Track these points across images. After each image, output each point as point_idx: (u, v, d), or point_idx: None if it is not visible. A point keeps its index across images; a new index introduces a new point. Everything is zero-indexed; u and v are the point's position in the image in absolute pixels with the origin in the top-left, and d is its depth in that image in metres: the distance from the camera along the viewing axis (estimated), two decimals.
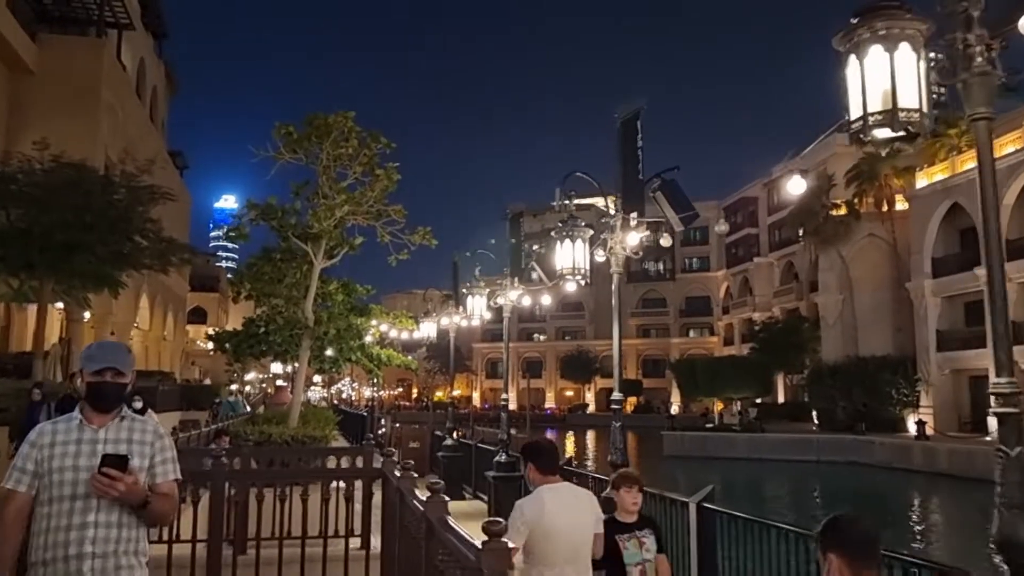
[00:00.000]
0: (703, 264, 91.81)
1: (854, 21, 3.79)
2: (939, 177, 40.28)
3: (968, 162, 38.30)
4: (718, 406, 67.35)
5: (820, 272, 50.10)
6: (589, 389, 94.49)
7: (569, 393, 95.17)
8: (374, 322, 19.93)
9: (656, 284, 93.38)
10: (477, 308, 12.34)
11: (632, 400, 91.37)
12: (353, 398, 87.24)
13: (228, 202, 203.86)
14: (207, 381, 45.83)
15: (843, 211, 44.87)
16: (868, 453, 36.93)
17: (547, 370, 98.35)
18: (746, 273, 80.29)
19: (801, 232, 51.97)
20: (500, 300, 12.38)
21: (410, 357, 21.15)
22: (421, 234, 14.35)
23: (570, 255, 8.08)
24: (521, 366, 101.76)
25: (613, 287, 8.71)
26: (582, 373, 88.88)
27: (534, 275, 12.44)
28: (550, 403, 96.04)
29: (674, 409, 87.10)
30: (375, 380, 19.66)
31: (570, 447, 52.90)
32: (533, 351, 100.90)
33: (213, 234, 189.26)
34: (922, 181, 41.62)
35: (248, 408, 23.49)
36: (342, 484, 8.15)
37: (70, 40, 29.57)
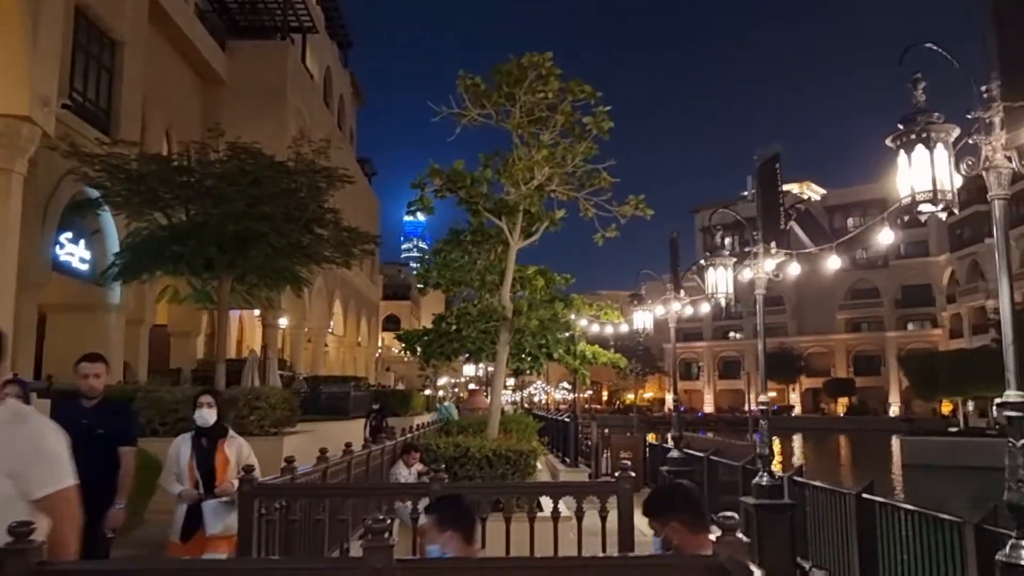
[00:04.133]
0: (920, 249, 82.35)
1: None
2: None
3: None
4: (946, 407, 59.63)
5: None
6: (794, 389, 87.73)
7: (772, 394, 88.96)
8: (572, 316, 17.46)
9: (867, 272, 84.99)
10: (721, 284, 9.49)
11: (843, 401, 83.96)
12: (544, 402, 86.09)
13: (417, 216, 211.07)
14: (401, 386, 45.51)
15: None
16: None
17: (745, 369, 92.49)
18: (976, 256, 71.07)
19: None
20: (749, 272, 9.41)
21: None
22: (633, 203, 11.62)
23: (927, 170, 5.09)
24: (718, 366, 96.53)
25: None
26: (785, 372, 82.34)
27: (800, 235, 9.50)
28: (749, 405, 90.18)
29: (892, 410, 78.94)
30: (583, 381, 17.03)
31: (798, 454, 47.94)
32: (730, 350, 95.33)
33: (404, 246, 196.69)
34: None
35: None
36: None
37: (257, 45, 29.60)
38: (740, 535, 2.60)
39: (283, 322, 28.98)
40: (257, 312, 28.16)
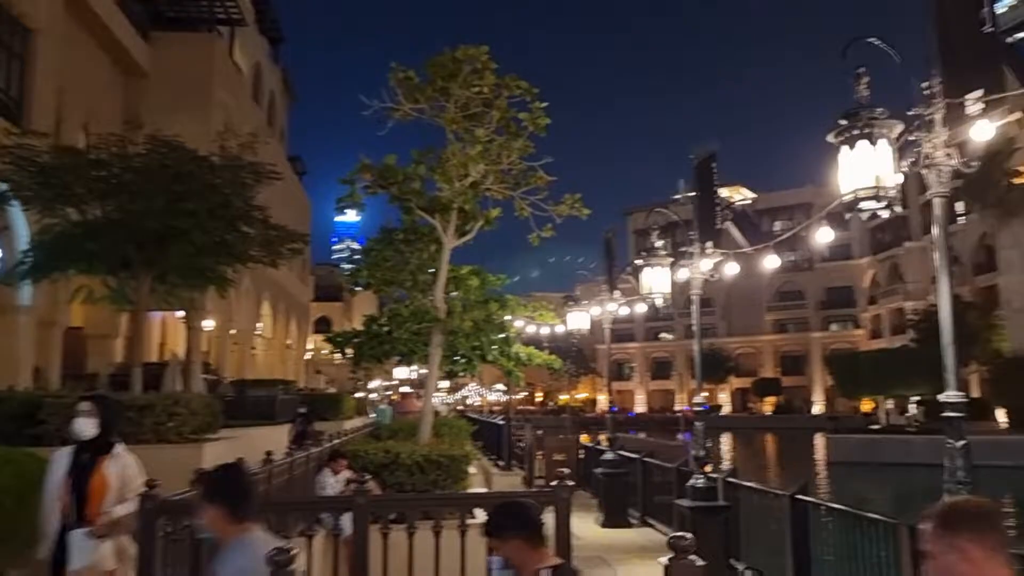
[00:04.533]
0: (843, 252, 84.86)
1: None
2: None
3: None
4: (867, 405, 61.46)
5: (1001, 250, 44.20)
6: (723, 389, 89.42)
7: (703, 394, 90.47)
8: (507, 317, 17.23)
9: (793, 275, 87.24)
10: (658, 283, 9.36)
11: (770, 400, 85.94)
12: (477, 404, 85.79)
13: (349, 216, 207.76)
14: (332, 389, 44.64)
15: None
16: None
17: (676, 370, 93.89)
18: (895, 259, 73.68)
19: (965, 207, 46.17)
20: (685, 272, 9.33)
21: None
22: (569, 202, 11.47)
23: (870, 166, 4.99)
24: (650, 366, 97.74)
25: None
26: (715, 372, 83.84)
27: (735, 235, 9.40)
28: (680, 405, 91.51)
29: (816, 408, 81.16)
30: (518, 383, 16.81)
31: (727, 454, 48.64)
32: (662, 351, 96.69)
33: (337, 247, 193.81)
34: None
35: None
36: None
37: (182, 37, 28.58)
38: (694, 557, 2.40)
39: (208, 324, 28.01)
40: (180, 314, 27.14)
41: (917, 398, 41.41)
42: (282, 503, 6.39)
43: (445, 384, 53.34)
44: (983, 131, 4.83)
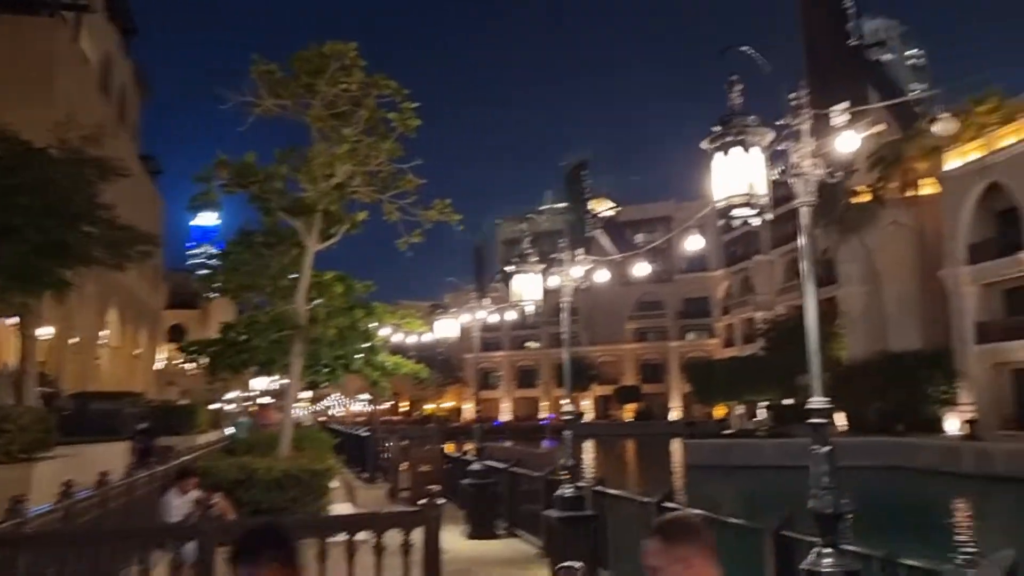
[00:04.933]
0: (700, 264, 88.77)
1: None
2: (973, 156, 37.46)
3: (1008, 136, 35.49)
4: (720, 411, 64.39)
5: (841, 264, 47.25)
6: (586, 397, 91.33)
7: (566, 401, 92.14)
8: (373, 325, 16.74)
9: (653, 286, 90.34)
10: (529, 290, 9.22)
11: (631, 407, 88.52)
12: (341, 415, 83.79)
13: (206, 219, 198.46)
14: (185, 401, 42.31)
15: (866, 197, 42.20)
16: (911, 456, 33.97)
17: (541, 378, 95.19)
18: (747, 272, 77.54)
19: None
20: (556, 280, 9.25)
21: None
22: (439, 208, 11.22)
23: (743, 173, 4.98)
24: (516, 375, 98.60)
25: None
26: (578, 380, 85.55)
27: (605, 243, 9.39)
28: (546, 413, 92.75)
29: (673, 415, 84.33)
30: (383, 393, 16.35)
31: (590, 460, 49.47)
32: (528, 359, 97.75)
33: (193, 251, 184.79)
34: (954, 162, 38.78)
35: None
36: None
37: (20, 21, 26.32)
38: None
39: (44, 332, 25.82)
40: (13, 320, 24.89)
41: (766, 403, 43.69)
42: (117, 532, 5.74)
43: (307, 394, 51.67)
44: (848, 142, 4.92)
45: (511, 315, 14.39)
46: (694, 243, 10.11)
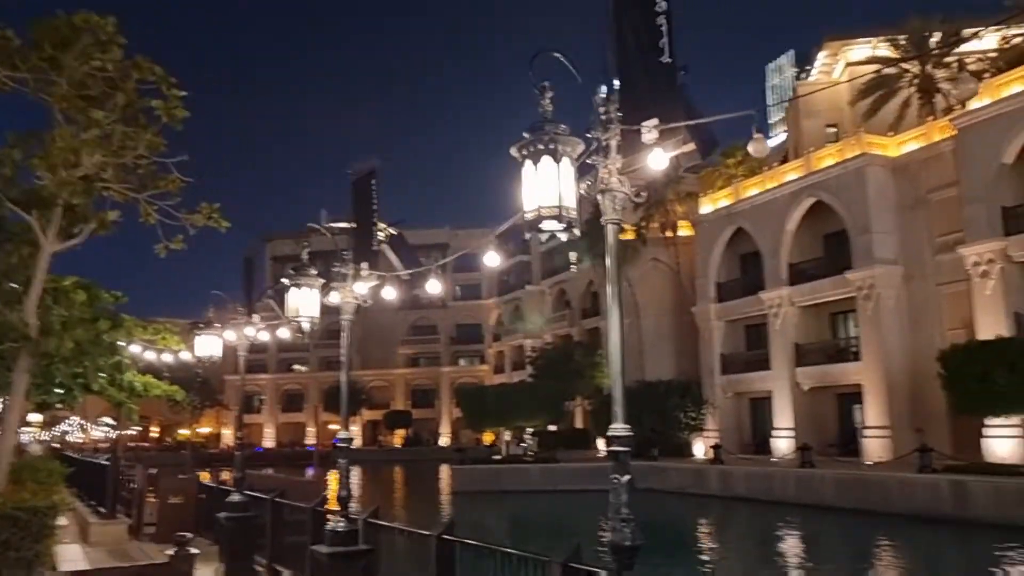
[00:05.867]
0: (474, 292, 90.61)
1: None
2: (723, 203, 41.29)
3: (752, 188, 39.46)
4: (489, 436, 65.59)
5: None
6: (356, 422, 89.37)
7: (334, 427, 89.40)
8: (122, 342, 14.96)
9: (427, 311, 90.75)
10: (306, 306, 8.45)
11: (401, 432, 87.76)
12: (80, 441, 75.72)
13: None
14: None
15: (631, 235, 45.02)
16: (662, 479, 36.23)
17: (309, 403, 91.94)
18: (518, 301, 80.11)
19: (576, 257, 51.62)
20: (336, 296, 8.58)
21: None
22: (206, 212, 10.11)
23: (553, 183, 4.68)
24: (281, 399, 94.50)
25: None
26: (348, 405, 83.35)
27: (392, 260, 8.92)
28: (313, 439, 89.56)
29: (443, 440, 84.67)
30: (130, 416, 14.63)
31: (357, 487, 47.93)
32: (294, 383, 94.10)
33: None
34: (707, 207, 42.54)
35: None
36: None
37: None
38: None
39: None
40: None
41: (532, 429, 44.97)
42: None
43: (37, 418, 45.85)
44: (657, 160, 4.79)
45: (282, 334, 13.35)
46: (491, 260, 10.00)
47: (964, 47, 37.38)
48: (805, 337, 36.93)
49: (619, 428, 4.80)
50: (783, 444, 35.92)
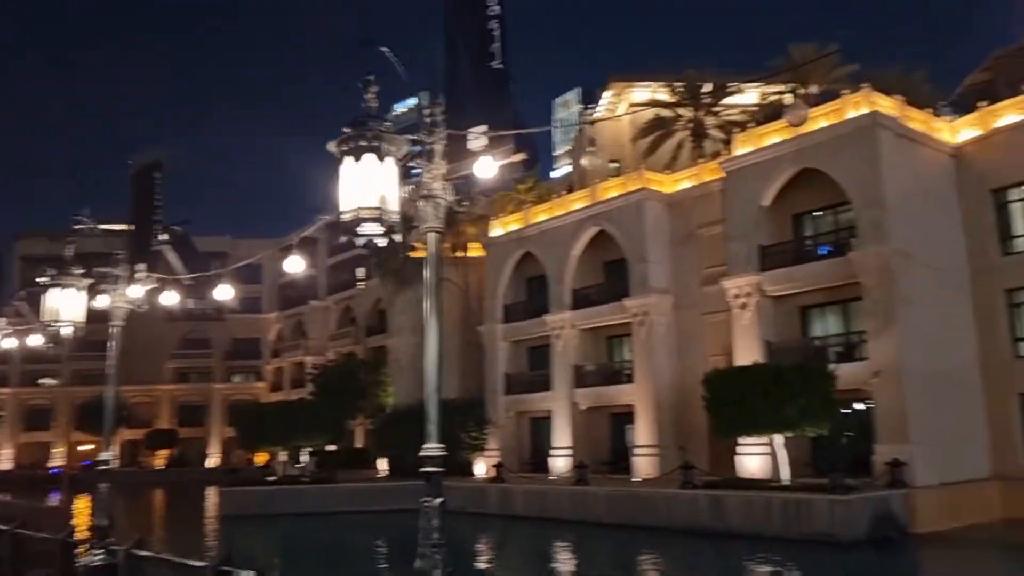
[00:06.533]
0: (254, 305, 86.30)
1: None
2: (513, 227, 42.27)
3: (540, 214, 40.77)
4: (262, 457, 62.39)
5: (396, 314, 49.39)
6: (114, 442, 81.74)
7: (88, 447, 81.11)
8: None
9: (201, 324, 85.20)
10: (70, 309, 7.40)
11: (164, 453, 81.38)
12: None
13: None
14: None
15: (422, 253, 44.68)
16: (447, 499, 36.04)
17: (58, 420, 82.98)
18: (301, 316, 77.52)
19: (365, 273, 50.78)
20: (107, 299, 7.65)
21: None
22: None
23: (376, 184, 4.35)
24: (23, 415, 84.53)
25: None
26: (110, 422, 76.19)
27: (174, 263, 8.06)
28: (60, 460, 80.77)
29: (212, 461, 79.52)
30: None
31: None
32: (41, 397, 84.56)
33: None
34: (497, 230, 43.35)
35: None
36: None
37: None
38: None
39: None
40: None
41: (309, 449, 43.32)
42: None
43: None
44: (485, 168, 4.61)
45: (33, 341, 11.82)
46: (294, 265, 9.45)
47: (731, 99, 41.10)
48: (584, 359, 38.54)
49: (432, 448, 4.54)
50: (560, 462, 37.15)
